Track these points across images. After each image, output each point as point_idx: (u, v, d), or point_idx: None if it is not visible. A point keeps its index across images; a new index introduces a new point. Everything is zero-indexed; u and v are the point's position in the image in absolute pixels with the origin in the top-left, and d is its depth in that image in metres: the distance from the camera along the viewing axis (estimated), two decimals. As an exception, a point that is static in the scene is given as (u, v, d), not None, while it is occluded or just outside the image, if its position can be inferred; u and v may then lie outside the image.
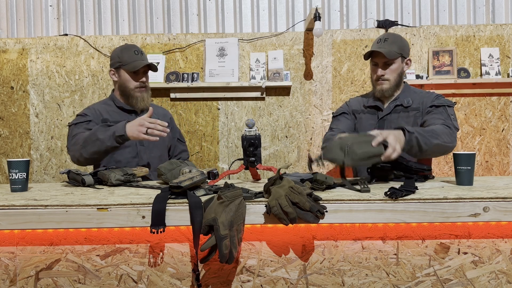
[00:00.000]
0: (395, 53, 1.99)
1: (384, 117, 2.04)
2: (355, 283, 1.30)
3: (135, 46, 2.14)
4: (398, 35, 2.07)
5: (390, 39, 2.02)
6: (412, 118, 2.00)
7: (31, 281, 1.31)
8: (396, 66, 2.01)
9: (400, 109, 2.02)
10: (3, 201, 1.27)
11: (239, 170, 1.65)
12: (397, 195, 1.23)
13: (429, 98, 2.01)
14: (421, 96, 2.05)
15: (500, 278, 1.30)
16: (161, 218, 1.21)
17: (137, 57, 2.10)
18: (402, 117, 2.01)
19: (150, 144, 2.14)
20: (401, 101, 2.02)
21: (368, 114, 2.10)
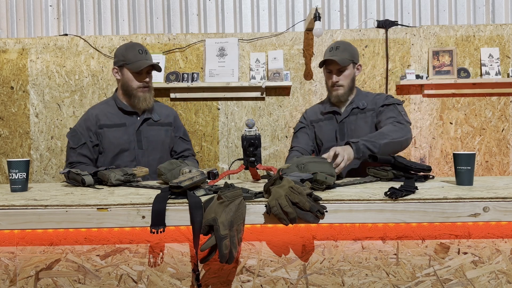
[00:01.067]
0: (347, 60, 2.13)
1: (343, 120, 2.16)
2: (355, 283, 1.30)
3: (139, 45, 2.11)
4: (348, 43, 2.21)
5: (341, 47, 2.15)
6: (370, 118, 2.14)
7: (31, 281, 1.31)
8: (349, 72, 2.15)
9: (357, 111, 2.16)
10: (3, 201, 1.27)
11: (239, 170, 1.65)
12: (397, 195, 1.23)
13: (381, 99, 2.16)
14: (373, 97, 2.20)
15: (500, 278, 1.30)
16: (161, 218, 1.21)
17: (141, 57, 2.07)
18: (359, 118, 2.14)
19: (149, 147, 2.13)
20: (356, 104, 2.16)
21: (326, 120, 2.23)
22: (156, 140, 2.16)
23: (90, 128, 2.10)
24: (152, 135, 2.15)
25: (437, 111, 3.07)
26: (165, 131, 2.20)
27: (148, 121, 2.16)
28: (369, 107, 2.15)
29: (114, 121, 2.12)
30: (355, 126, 2.13)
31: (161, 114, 2.22)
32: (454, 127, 3.07)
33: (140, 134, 2.12)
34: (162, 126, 2.20)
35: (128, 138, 2.10)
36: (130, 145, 2.10)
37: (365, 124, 2.12)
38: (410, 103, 3.08)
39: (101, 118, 2.12)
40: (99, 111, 2.15)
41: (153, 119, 2.17)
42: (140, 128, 2.13)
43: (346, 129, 2.15)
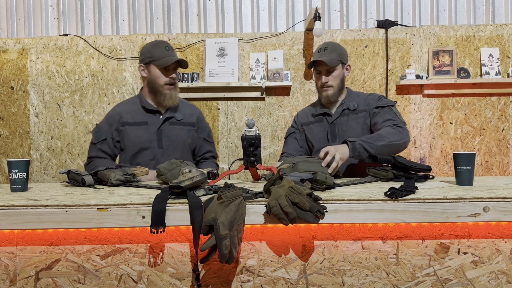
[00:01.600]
0: (336, 60, 2.13)
1: (334, 122, 2.16)
2: (355, 283, 1.30)
3: (165, 42, 2.11)
4: (337, 44, 2.21)
5: (330, 48, 2.15)
6: (362, 119, 2.14)
7: (31, 281, 1.31)
8: (338, 72, 2.15)
9: (348, 112, 2.16)
10: (3, 201, 1.27)
11: (239, 170, 1.65)
12: (397, 195, 1.23)
13: (373, 99, 2.16)
14: (364, 98, 2.20)
15: (500, 278, 1.30)
16: (161, 218, 1.20)
17: (168, 53, 2.07)
18: (351, 119, 2.14)
19: (170, 146, 2.11)
20: (347, 105, 2.17)
21: (317, 122, 2.22)
22: (177, 140, 2.13)
23: (112, 125, 2.13)
24: (174, 135, 2.12)
25: (437, 111, 3.07)
26: (187, 131, 2.16)
27: (170, 120, 2.14)
28: (361, 108, 2.15)
29: (136, 119, 2.12)
30: (346, 127, 2.13)
31: (184, 114, 2.19)
32: (454, 127, 3.07)
33: (161, 133, 2.11)
34: (185, 126, 2.16)
35: (148, 136, 2.09)
36: (150, 144, 2.09)
37: (357, 124, 2.12)
38: (410, 103, 3.08)
39: (124, 116, 2.14)
40: (122, 109, 2.18)
41: (176, 118, 2.14)
42: (162, 127, 2.12)
43: (338, 130, 2.15)
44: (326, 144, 2.13)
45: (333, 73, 2.13)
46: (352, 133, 2.11)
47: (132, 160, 2.10)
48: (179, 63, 2.09)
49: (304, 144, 2.27)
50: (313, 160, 1.72)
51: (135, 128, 2.11)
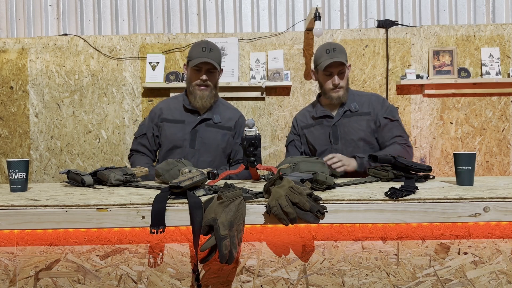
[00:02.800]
0: (346, 61, 2.14)
1: (336, 123, 2.15)
2: (355, 284, 1.30)
3: (206, 43, 2.08)
4: (339, 44, 2.20)
5: (338, 48, 2.14)
6: (365, 122, 2.14)
7: (30, 281, 1.31)
8: (347, 73, 2.16)
9: (349, 114, 2.15)
10: (2, 201, 1.27)
11: (239, 170, 1.64)
12: (397, 195, 1.23)
13: (378, 103, 2.16)
14: (367, 99, 2.19)
15: (500, 278, 1.30)
16: (161, 218, 1.20)
17: (201, 54, 2.04)
18: (353, 121, 2.14)
19: (202, 148, 2.09)
20: (348, 107, 2.16)
21: (318, 125, 2.20)
22: (210, 142, 2.10)
23: (153, 119, 2.17)
24: (208, 137, 2.10)
25: (437, 111, 3.06)
26: (222, 134, 2.13)
27: (207, 122, 2.12)
28: (364, 109, 2.15)
29: (176, 116, 2.13)
30: (348, 128, 2.12)
31: (223, 117, 2.15)
32: (454, 127, 3.07)
33: (195, 134, 2.10)
34: (221, 129, 2.13)
35: (182, 135, 2.09)
36: (183, 143, 2.09)
37: (360, 126, 2.12)
38: (411, 103, 3.07)
39: (164, 112, 2.16)
40: (165, 105, 2.21)
41: (213, 121, 2.12)
42: (197, 128, 2.11)
43: (340, 132, 2.14)
44: (328, 147, 2.16)
45: (344, 74, 2.13)
46: (355, 135, 2.11)
47: (165, 157, 2.11)
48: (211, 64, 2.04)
49: (305, 148, 2.25)
50: (313, 160, 1.72)
51: (172, 125, 2.13)
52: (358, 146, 2.11)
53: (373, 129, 2.12)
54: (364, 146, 2.11)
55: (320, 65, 2.12)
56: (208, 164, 2.09)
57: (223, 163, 2.17)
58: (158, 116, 2.17)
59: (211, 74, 2.08)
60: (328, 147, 2.16)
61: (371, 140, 2.13)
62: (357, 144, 2.11)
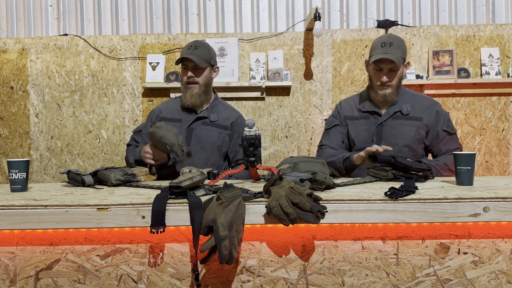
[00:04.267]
0: (401, 59, 1.97)
1: (383, 123, 2.02)
2: (355, 283, 1.30)
3: (194, 42, 2.11)
4: (401, 38, 2.04)
5: (395, 43, 1.97)
6: (415, 127, 2.00)
7: (31, 281, 1.31)
8: (400, 71, 2.00)
9: (399, 116, 2.02)
10: (3, 201, 1.27)
11: (239, 170, 1.65)
12: (397, 195, 1.23)
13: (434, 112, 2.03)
14: (421, 102, 2.05)
15: (500, 278, 1.30)
16: (161, 218, 1.20)
17: (187, 52, 2.07)
18: (402, 124, 2.01)
19: (198, 146, 2.10)
20: (399, 107, 2.02)
21: (363, 119, 2.07)
22: (206, 141, 2.11)
23: (152, 119, 2.22)
24: (203, 135, 2.11)
25: (437, 111, 3.06)
26: (218, 133, 2.13)
27: (203, 120, 2.13)
28: (415, 114, 2.01)
29: (174, 115, 2.17)
30: (395, 131, 2.00)
31: (221, 116, 2.16)
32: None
33: (191, 132, 2.12)
34: (217, 128, 2.13)
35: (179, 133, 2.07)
36: None
37: (408, 131, 1.99)
38: (410, 103, 3.07)
39: (163, 112, 2.21)
40: (164, 105, 2.27)
41: (210, 119, 2.13)
42: (193, 126, 2.13)
43: (385, 133, 2.01)
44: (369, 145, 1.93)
45: (396, 72, 1.98)
46: (400, 140, 1.99)
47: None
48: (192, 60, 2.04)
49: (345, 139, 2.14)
50: (313, 160, 1.72)
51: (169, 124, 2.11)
52: (402, 151, 1.98)
53: (422, 136, 2.00)
54: (407, 152, 1.99)
55: (371, 58, 1.99)
56: (204, 162, 2.08)
57: (219, 162, 2.16)
58: (156, 116, 2.22)
59: (197, 71, 2.09)
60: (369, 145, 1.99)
61: (417, 147, 2.02)
62: (400, 150, 1.98)
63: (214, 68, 2.19)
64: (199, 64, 2.06)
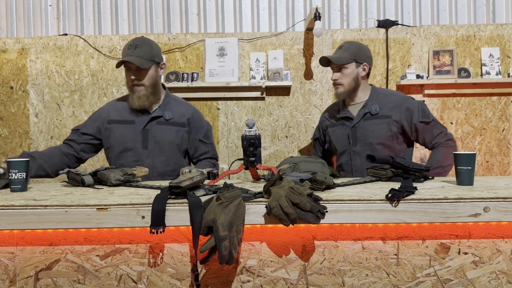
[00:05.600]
0: (346, 58, 2.12)
1: (355, 125, 2.16)
2: (355, 284, 1.30)
3: (133, 40, 2.01)
4: (356, 43, 2.21)
5: (345, 46, 2.17)
6: (385, 125, 2.12)
7: (30, 281, 1.31)
8: (349, 71, 2.14)
9: (369, 117, 2.14)
10: (2, 201, 1.27)
11: (239, 170, 1.64)
12: (398, 196, 1.22)
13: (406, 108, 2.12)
14: (390, 100, 2.16)
15: (500, 278, 1.30)
16: (161, 218, 1.20)
17: (127, 53, 1.97)
18: (372, 124, 2.13)
19: (156, 148, 2.03)
20: (369, 109, 2.15)
21: (340, 125, 2.23)
22: (164, 141, 2.04)
23: (96, 121, 2.09)
24: (160, 135, 2.03)
25: (437, 111, 3.06)
26: (176, 131, 2.06)
27: (158, 119, 2.05)
28: (385, 112, 2.13)
29: (124, 117, 2.05)
30: (367, 131, 2.13)
31: (175, 113, 2.08)
32: (454, 127, 3.07)
33: (147, 133, 2.03)
34: (174, 126, 2.06)
35: (133, 136, 2.02)
36: (134, 144, 2.02)
37: (378, 129, 2.11)
38: (410, 103, 3.07)
39: (111, 114, 2.08)
40: (111, 106, 2.13)
41: (165, 118, 2.05)
42: (148, 127, 2.04)
43: (359, 134, 2.14)
44: (347, 148, 2.18)
45: (343, 71, 2.14)
46: (373, 139, 2.11)
47: (116, 160, 2.04)
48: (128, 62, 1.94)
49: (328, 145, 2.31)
50: (313, 160, 1.72)
51: (121, 126, 2.05)
52: (377, 149, 2.12)
53: (394, 132, 2.11)
54: (382, 149, 2.12)
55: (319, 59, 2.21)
56: (164, 163, 2.03)
57: (180, 161, 2.10)
58: (104, 118, 2.07)
59: (140, 72, 1.98)
60: (348, 148, 2.18)
61: (391, 143, 2.13)
62: (375, 148, 2.12)
63: (160, 65, 2.07)
64: (140, 66, 1.94)
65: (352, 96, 2.20)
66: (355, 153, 2.15)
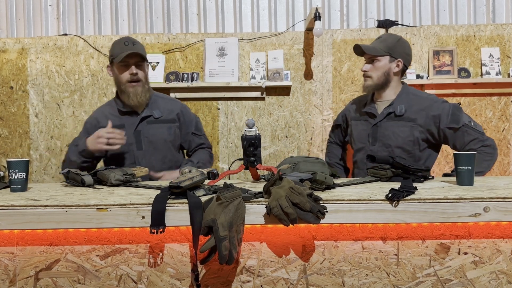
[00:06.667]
0: (379, 50, 1.99)
1: (377, 124, 2.04)
2: (355, 284, 1.30)
3: (127, 38, 2.00)
4: (395, 36, 2.06)
5: (383, 37, 2.06)
6: (408, 129, 1.98)
7: (30, 281, 1.31)
8: (381, 64, 2.00)
9: (393, 117, 2.01)
10: (2, 201, 1.27)
11: (239, 170, 1.64)
12: (398, 197, 1.22)
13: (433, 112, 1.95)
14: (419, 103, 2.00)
15: (500, 278, 1.30)
16: (161, 218, 1.20)
17: (126, 48, 1.95)
18: (395, 125, 2.00)
19: (150, 147, 2.05)
20: (394, 108, 2.01)
21: (362, 120, 2.13)
22: (157, 139, 2.06)
23: (89, 131, 2.05)
24: (153, 134, 2.05)
25: (437, 111, 3.06)
26: (167, 128, 2.08)
27: (148, 119, 2.06)
28: (410, 115, 1.98)
29: (114, 122, 2.02)
30: (388, 132, 2.01)
31: (164, 110, 2.09)
32: (454, 127, 3.07)
33: (139, 134, 2.05)
34: (164, 123, 2.08)
35: (127, 139, 2.00)
36: (129, 147, 2.02)
37: (400, 132, 1.99)
38: (410, 103, 3.07)
39: (100, 121, 2.06)
40: (99, 114, 2.11)
41: (154, 116, 2.06)
42: (139, 128, 2.05)
43: (379, 134, 2.03)
44: (365, 145, 2.07)
45: (375, 63, 2.00)
46: (393, 141, 2.00)
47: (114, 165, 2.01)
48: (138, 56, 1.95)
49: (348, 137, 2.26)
50: (313, 160, 1.72)
51: None
52: (395, 152, 1.99)
53: (416, 137, 1.97)
54: (401, 153, 1.99)
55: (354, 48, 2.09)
56: (161, 162, 2.05)
57: (176, 157, 2.12)
58: (94, 126, 2.05)
59: (139, 67, 1.99)
60: (365, 146, 2.08)
61: (411, 149, 1.99)
62: (393, 151, 2.00)
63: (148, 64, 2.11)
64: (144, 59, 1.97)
65: (380, 92, 2.06)
66: (372, 152, 2.03)
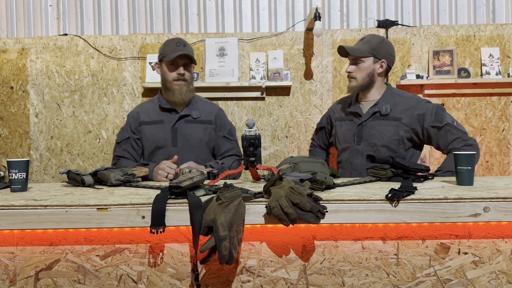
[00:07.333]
0: (365, 51, 2.02)
1: (363, 123, 2.08)
2: (355, 284, 1.30)
3: (179, 39, 2.11)
4: (378, 37, 2.09)
5: (366, 38, 2.07)
6: (393, 128, 2.01)
7: (30, 281, 1.31)
8: (365, 65, 2.04)
9: (378, 116, 2.05)
10: (3, 201, 1.27)
11: (239, 170, 1.64)
12: (398, 196, 1.22)
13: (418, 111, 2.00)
14: (403, 103, 2.05)
15: (500, 278, 1.30)
16: (161, 218, 1.20)
17: (177, 49, 2.06)
18: (380, 124, 2.04)
19: (185, 145, 2.10)
20: (379, 108, 2.05)
21: (347, 121, 2.16)
22: (193, 138, 2.11)
23: (131, 125, 2.17)
24: (189, 133, 2.11)
25: (437, 111, 3.06)
26: (204, 129, 2.14)
27: (186, 118, 2.13)
28: (395, 114, 2.03)
29: (153, 118, 2.14)
30: (373, 131, 2.05)
31: (202, 111, 2.17)
32: (454, 127, 3.07)
33: (176, 131, 2.11)
34: (202, 124, 2.14)
35: (163, 135, 2.10)
36: (165, 142, 2.10)
37: (385, 131, 2.03)
38: (410, 103, 3.07)
39: (141, 116, 2.17)
40: (141, 109, 2.22)
41: (192, 116, 2.13)
42: (176, 125, 2.12)
43: (364, 133, 2.06)
44: (350, 145, 2.10)
45: (359, 64, 2.05)
46: (378, 140, 2.03)
47: (149, 159, 2.12)
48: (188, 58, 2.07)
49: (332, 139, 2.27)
50: (313, 160, 1.72)
51: (151, 126, 2.13)
52: (380, 151, 2.03)
53: (401, 136, 2.01)
54: (385, 152, 2.02)
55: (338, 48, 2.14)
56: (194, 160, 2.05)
57: (209, 158, 2.16)
58: (135, 120, 2.18)
59: (187, 68, 2.10)
60: (351, 145, 2.11)
61: (397, 148, 2.03)
62: (378, 149, 2.04)
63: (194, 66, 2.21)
64: (192, 61, 2.09)
65: (365, 92, 2.10)
66: (357, 151, 2.08)
